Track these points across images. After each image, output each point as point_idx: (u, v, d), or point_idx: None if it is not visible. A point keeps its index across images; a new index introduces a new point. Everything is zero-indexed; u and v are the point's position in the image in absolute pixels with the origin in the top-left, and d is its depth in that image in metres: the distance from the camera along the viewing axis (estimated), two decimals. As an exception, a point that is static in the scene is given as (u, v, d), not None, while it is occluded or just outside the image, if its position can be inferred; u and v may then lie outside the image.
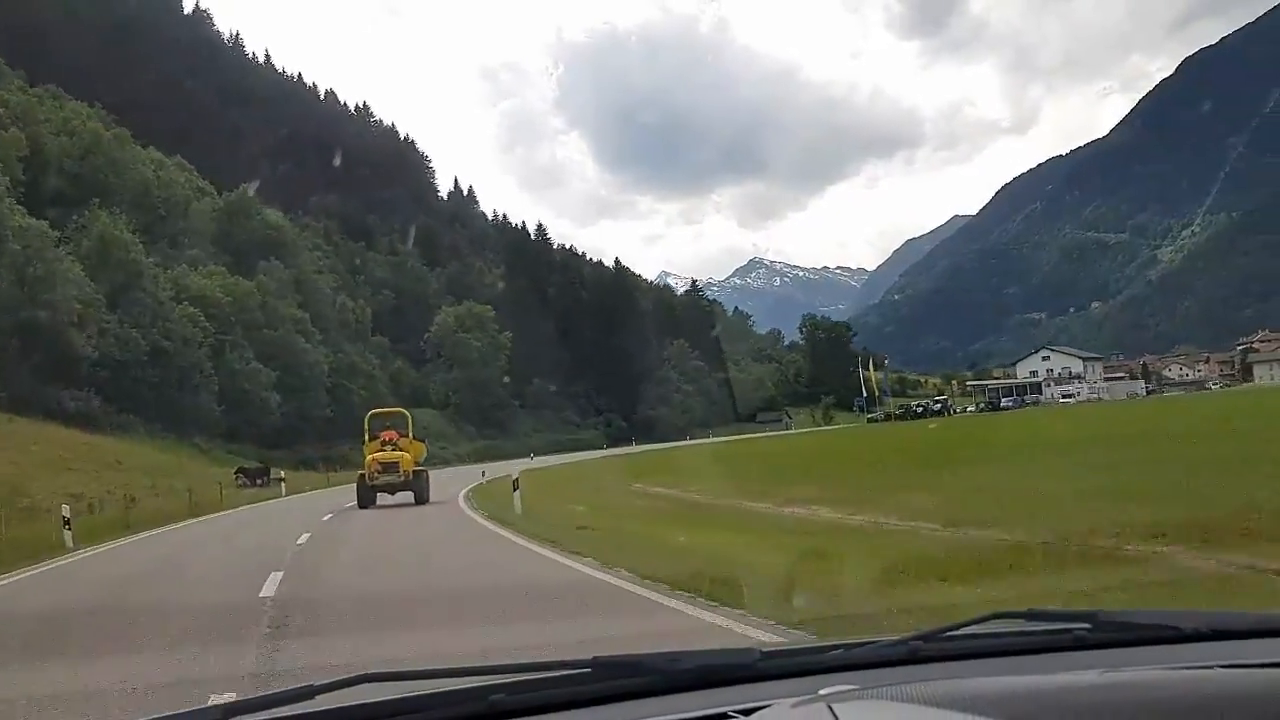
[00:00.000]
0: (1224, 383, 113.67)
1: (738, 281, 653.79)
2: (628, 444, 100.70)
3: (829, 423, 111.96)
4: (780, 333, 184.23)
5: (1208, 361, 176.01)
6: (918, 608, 7.62)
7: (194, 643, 8.97)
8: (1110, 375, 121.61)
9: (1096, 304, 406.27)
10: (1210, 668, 1.50)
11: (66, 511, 23.25)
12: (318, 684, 1.62)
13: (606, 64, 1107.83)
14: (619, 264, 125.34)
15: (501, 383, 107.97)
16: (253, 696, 1.58)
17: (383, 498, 31.85)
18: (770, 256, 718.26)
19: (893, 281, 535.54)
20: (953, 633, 1.87)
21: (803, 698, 1.36)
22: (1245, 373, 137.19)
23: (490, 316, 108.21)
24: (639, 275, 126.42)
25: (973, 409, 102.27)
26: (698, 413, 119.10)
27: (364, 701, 1.57)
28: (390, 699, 1.58)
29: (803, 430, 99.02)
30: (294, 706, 1.55)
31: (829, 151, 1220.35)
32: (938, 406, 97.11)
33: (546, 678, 1.67)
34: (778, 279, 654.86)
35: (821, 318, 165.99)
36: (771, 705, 1.39)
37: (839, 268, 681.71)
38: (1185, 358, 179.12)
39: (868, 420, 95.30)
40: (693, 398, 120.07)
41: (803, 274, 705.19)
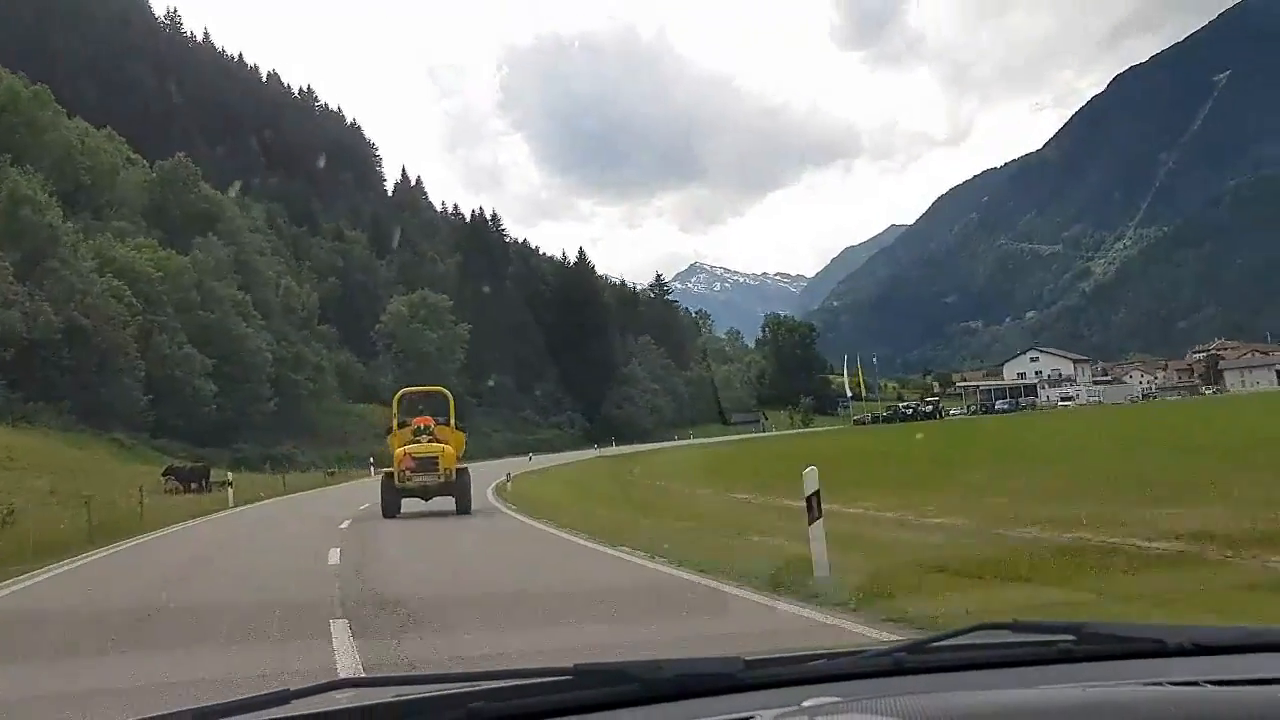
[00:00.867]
0: (1193, 390, 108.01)
1: (679, 286, 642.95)
2: (598, 445, 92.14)
3: (807, 424, 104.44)
4: (739, 333, 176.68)
5: (1165, 369, 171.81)
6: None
7: None
8: (1098, 379, 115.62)
9: (1031, 313, 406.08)
10: (1196, 683, 1.46)
11: None
12: (293, 689, 1.53)
13: (550, 68, 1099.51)
14: (582, 255, 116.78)
15: (459, 379, 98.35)
16: (226, 701, 1.48)
17: (409, 503, 23.72)
18: (710, 262, 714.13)
19: (832, 288, 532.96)
20: (938, 644, 1.83)
21: (785, 709, 1.32)
22: (1213, 378, 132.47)
23: (446, 307, 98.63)
24: (599, 272, 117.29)
25: (958, 411, 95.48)
26: (666, 413, 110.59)
27: (338, 708, 1.50)
28: (366, 705, 1.51)
29: (786, 432, 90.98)
30: (268, 711, 1.46)
31: (769, 159, 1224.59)
32: (929, 409, 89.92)
33: (527, 685, 1.61)
34: (718, 284, 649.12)
35: (785, 318, 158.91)
36: (754, 716, 1.35)
37: (779, 274, 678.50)
38: (1143, 364, 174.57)
39: (854, 422, 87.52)
40: (660, 397, 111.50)
41: (743, 279, 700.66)
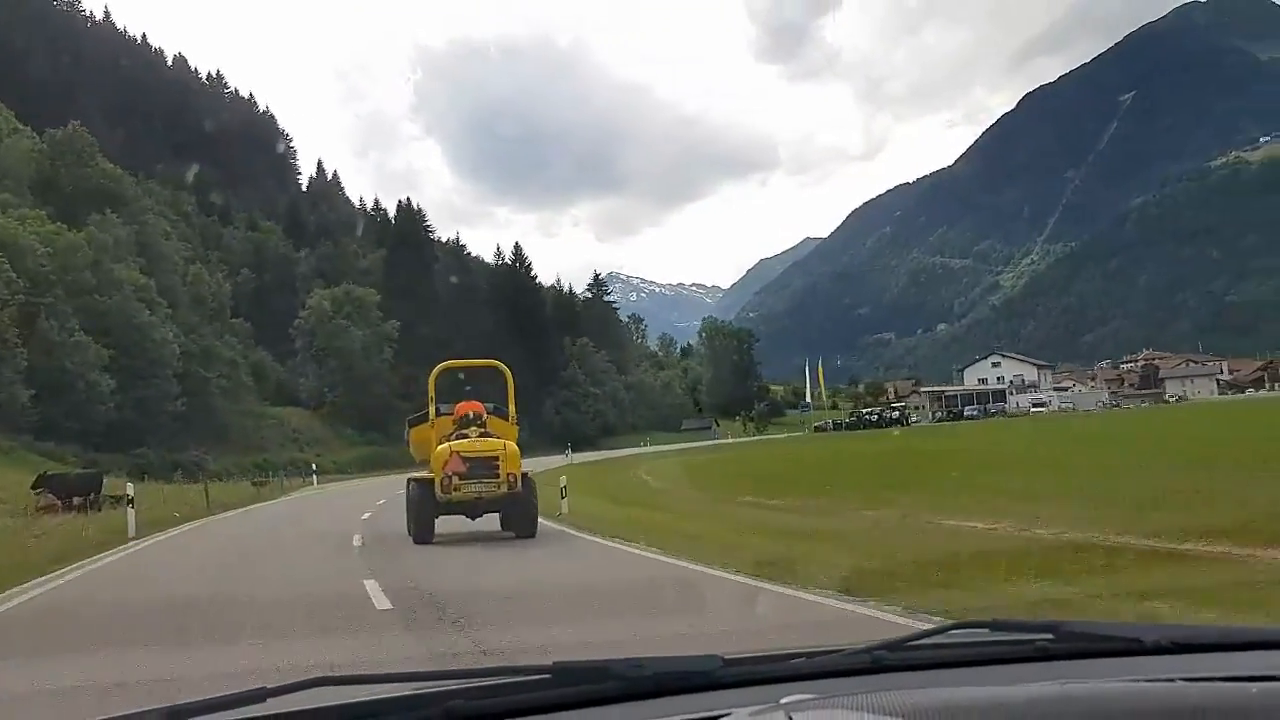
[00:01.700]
0: (1157, 398, 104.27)
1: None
2: (570, 449, 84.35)
3: (762, 431, 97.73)
4: (673, 339, 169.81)
5: (1094, 379, 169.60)
6: None
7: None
8: (1057, 385, 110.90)
9: (943, 326, 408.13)
10: (1171, 680, 1.47)
11: None
12: (269, 687, 1.50)
13: (465, 72, 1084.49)
14: (519, 251, 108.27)
15: (386, 379, 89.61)
16: (202, 699, 1.44)
17: (444, 522, 16.56)
18: (627, 272, 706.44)
19: (747, 300, 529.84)
20: (916, 642, 1.83)
21: (761, 706, 1.32)
22: (1152, 387, 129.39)
23: (373, 301, 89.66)
24: (534, 273, 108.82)
25: (920, 419, 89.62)
26: (609, 418, 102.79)
27: (316, 706, 1.46)
28: (343, 703, 1.47)
29: (744, 439, 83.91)
30: (244, 709, 1.43)
31: (687, 170, 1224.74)
32: (895, 415, 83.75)
33: (505, 683, 1.59)
34: (634, 294, 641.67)
35: (724, 323, 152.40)
36: (730, 714, 1.34)
37: (695, 285, 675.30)
38: (1071, 374, 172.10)
39: (814, 429, 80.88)
40: (602, 402, 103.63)
41: (659, 290, 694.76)
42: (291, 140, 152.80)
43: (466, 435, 16.39)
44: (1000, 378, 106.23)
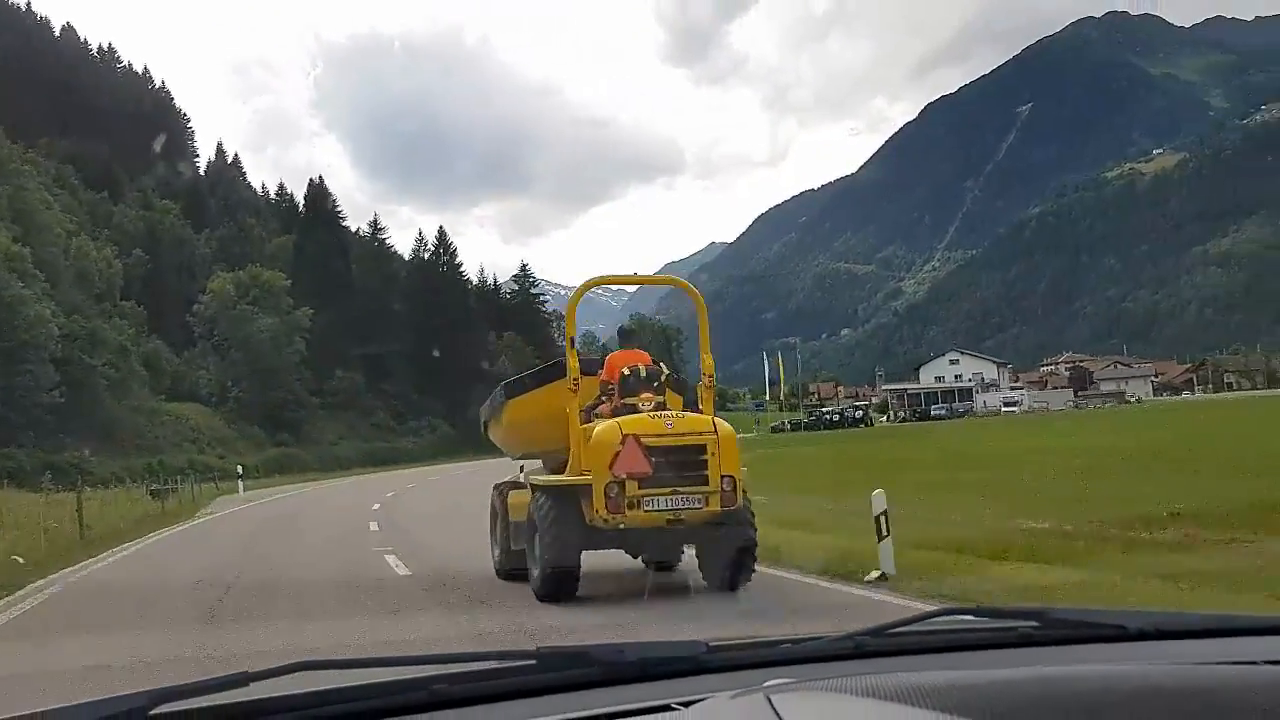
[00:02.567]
0: (1120, 399, 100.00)
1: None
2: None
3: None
4: (595, 335, 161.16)
5: (1018, 380, 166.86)
6: None
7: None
8: (1013, 384, 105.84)
9: (847, 330, 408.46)
10: (1155, 665, 1.47)
11: None
12: (252, 671, 1.47)
13: (367, 68, 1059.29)
14: (443, 235, 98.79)
15: (297, 374, 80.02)
16: (185, 683, 1.42)
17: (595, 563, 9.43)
18: (534, 274, 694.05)
19: (654, 304, 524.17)
20: (900, 628, 1.81)
21: (742, 689, 1.31)
22: (1084, 388, 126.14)
23: (282, 286, 79.86)
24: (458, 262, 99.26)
25: (883, 418, 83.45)
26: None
27: (300, 691, 1.45)
28: (328, 688, 1.46)
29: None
30: (228, 694, 1.41)
31: (594, 172, 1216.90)
32: (858, 414, 77.29)
33: (490, 668, 1.59)
34: (542, 296, 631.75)
35: (651, 319, 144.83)
36: (711, 697, 1.34)
37: (601, 287, 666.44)
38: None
39: (771, 430, 73.93)
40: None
41: (564, 292, 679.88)
42: (189, 121, 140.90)
43: (635, 408, 8.79)
44: (959, 375, 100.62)
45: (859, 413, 77.34)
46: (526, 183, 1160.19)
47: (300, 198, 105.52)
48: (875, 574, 9.38)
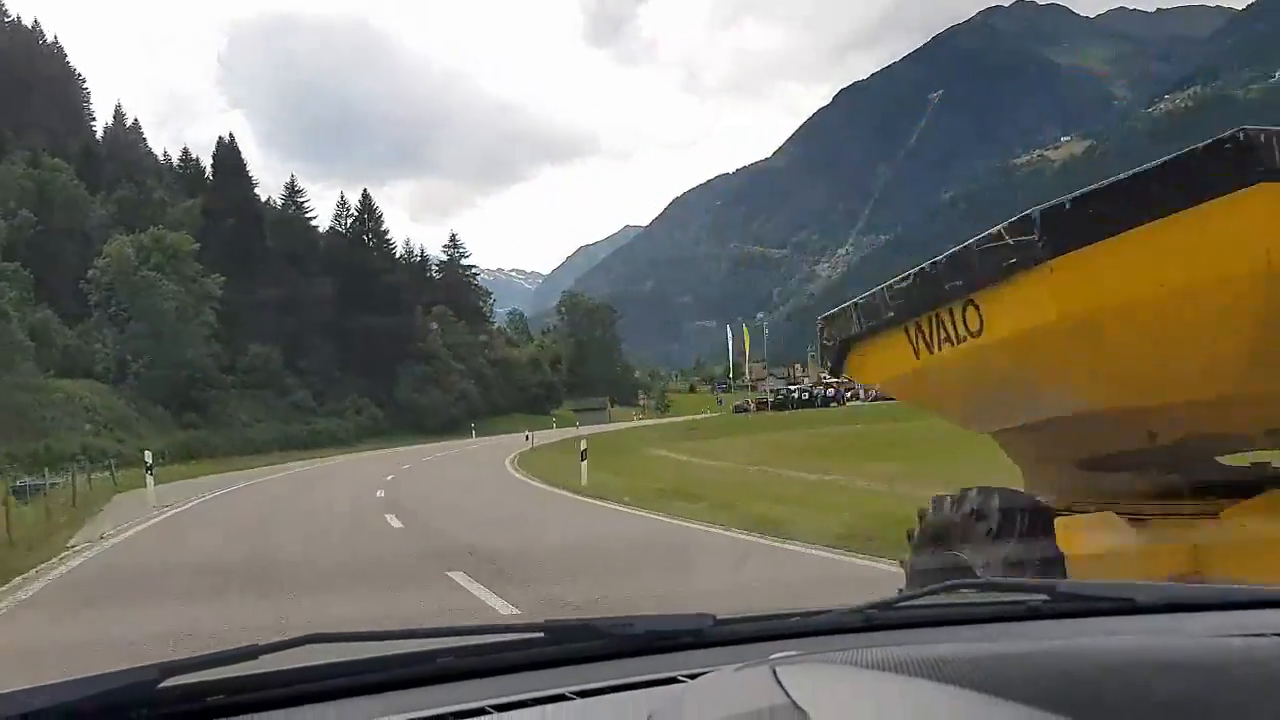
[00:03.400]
0: None
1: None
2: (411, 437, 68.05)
3: (665, 412, 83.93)
4: (522, 314, 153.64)
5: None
6: None
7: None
8: None
9: (762, 314, 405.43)
10: (1164, 638, 1.47)
11: None
12: (261, 644, 1.47)
13: (275, 46, 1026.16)
14: (367, 200, 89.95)
15: (207, 349, 71.14)
16: (194, 656, 1.43)
17: None
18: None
19: (568, 286, 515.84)
20: (908, 602, 1.82)
21: (748, 662, 1.30)
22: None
23: (190, 251, 70.84)
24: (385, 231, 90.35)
25: (854, 399, 77.27)
26: (474, 399, 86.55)
27: (308, 664, 1.45)
28: (336, 661, 1.47)
29: (661, 421, 69.64)
30: (236, 667, 1.41)
31: (505, 154, 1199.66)
32: (830, 393, 71.42)
33: (497, 641, 1.59)
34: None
35: (586, 297, 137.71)
36: (716, 670, 1.32)
37: (514, 270, 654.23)
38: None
39: (734, 410, 67.30)
40: (467, 379, 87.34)
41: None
42: (85, 82, 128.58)
43: None
44: None
45: (830, 391, 71.45)
46: (437, 163, 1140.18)
47: (208, 165, 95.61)
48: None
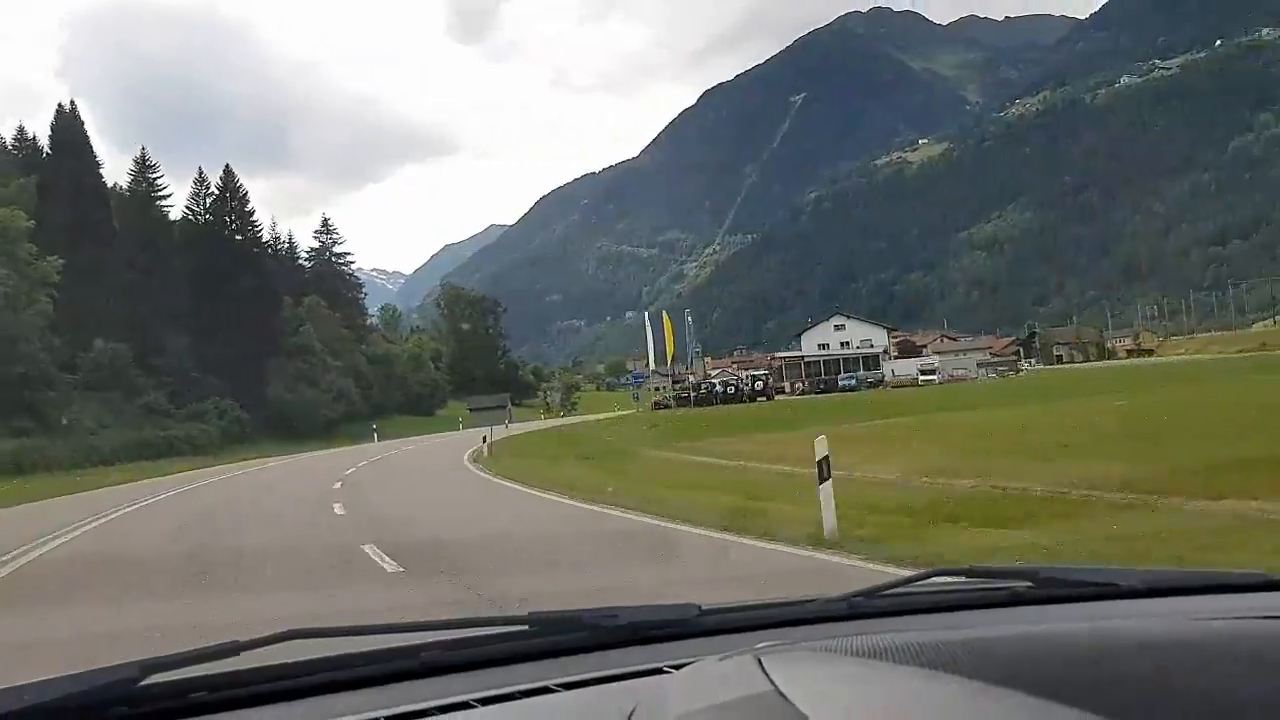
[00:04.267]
0: (1012, 367, 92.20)
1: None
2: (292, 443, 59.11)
3: (572, 411, 76.85)
4: (396, 309, 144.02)
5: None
6: None
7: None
8: (903, 354, 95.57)
9: (631, 313, 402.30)
10: (1147, 621, 1.48)
11: None
12: (242, 640, 1.45)
13: (120, 35, 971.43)
14: (229, 176, 79.58)
15: (43, 342, 60.90)
16: (176, 653, 1.40)
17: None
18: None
19: (433, 285, 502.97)
20: (893, 590, 1.80)
21: (733, 651, 1.29)
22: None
23: (23, 229, 60.51)
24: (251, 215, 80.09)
25: (779, 393, 71.82)
26: (354, 398, 77.70)
27: (290, 660, 1.43)
28: (318, 657, 1.44)
29: (557, 422, 62.48)
30: (217, 663, 1.39)
31: (366, 150, 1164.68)
32: (760, 386, 65.46)
33: (481, 634, 1.57)
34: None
35: (469, 289, 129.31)
36: (700, 660, 1.32)
37: (375, 269, 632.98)
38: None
39: (654, 406, 60.99)
40: (345, 377, 78.37)
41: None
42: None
43: None
44: (845, 342, 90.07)
45: (759, 384, 65.69)
46: (294, 160, 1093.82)
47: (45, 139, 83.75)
48: None
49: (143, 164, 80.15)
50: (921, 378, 72.94)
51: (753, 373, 70.71)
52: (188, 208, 78.70)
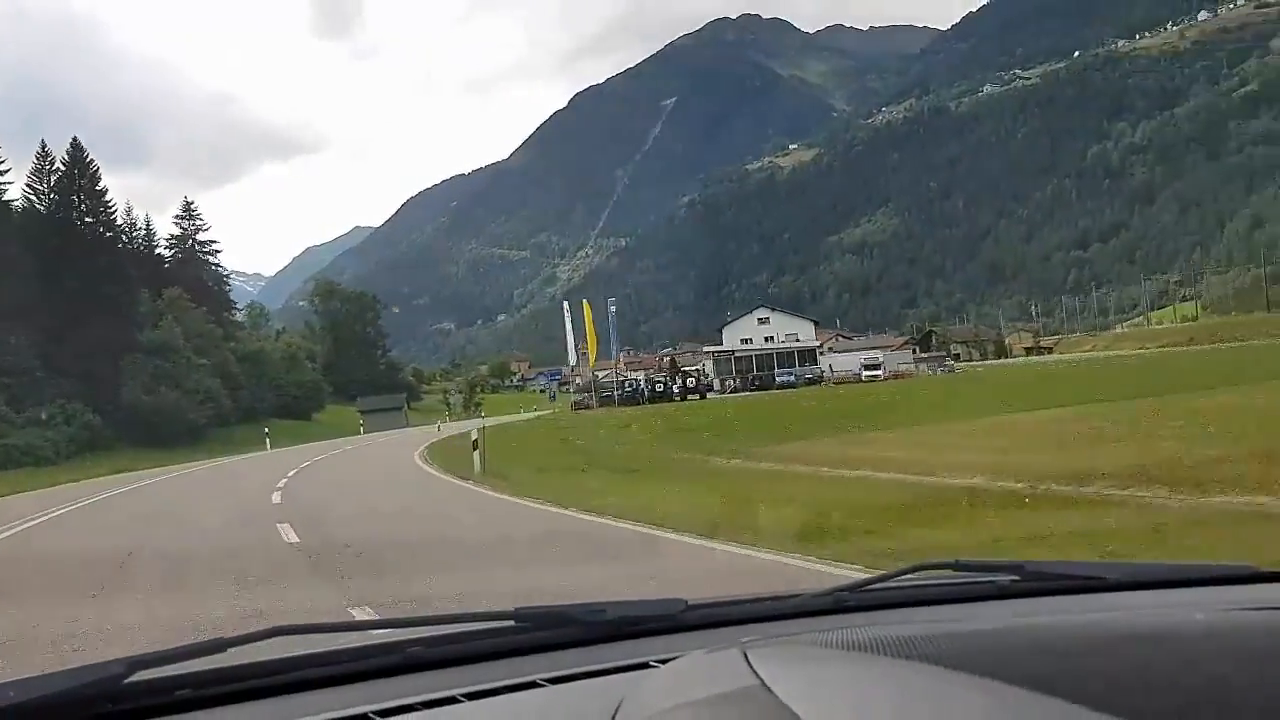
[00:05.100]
0: (939, 362, 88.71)
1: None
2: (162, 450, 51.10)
3: (475, 410, 70.16)
4: (263, 307, 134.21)
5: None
6: None
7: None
8: (845, 349, 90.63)
9: (503, 316, 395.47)
10: (1132, 614, 1.49)
11: None
12: (229, 637, 1.45)
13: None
14: (78, 150, 70.12)
15: None
16: (162, 650, 1.38)
17: None
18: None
19: (296, 287, 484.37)
20: (879, 584, 1.80)
21: (718, 646, 1.28)
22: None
23: None
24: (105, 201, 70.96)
25: (716, 388, 66.37)
26: (222, 401, 69.32)
27: (277, 656, 1.43)
28: (304, 653, 1.44)
29: (482, 421, 56.08)
30: (203, 660, 1.39)
31: (224, 149, 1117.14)
32: (691, 383, 60.17)
33: (467, 630, 1.55)
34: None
35: (340, 286, 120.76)
36: (686, 654, 1.31)
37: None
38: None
39: (573, 406, 55.19)
40: (212, 377, 69.95)
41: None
42: None
43: None
44: (770, 336, 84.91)
45: (691, 381, 60.55)
46: (149, 158, 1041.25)
47: None
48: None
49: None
50: (865, 373, 68.82)
51: (685, 370, 65.72)
52: (29, 185, 69.45)
